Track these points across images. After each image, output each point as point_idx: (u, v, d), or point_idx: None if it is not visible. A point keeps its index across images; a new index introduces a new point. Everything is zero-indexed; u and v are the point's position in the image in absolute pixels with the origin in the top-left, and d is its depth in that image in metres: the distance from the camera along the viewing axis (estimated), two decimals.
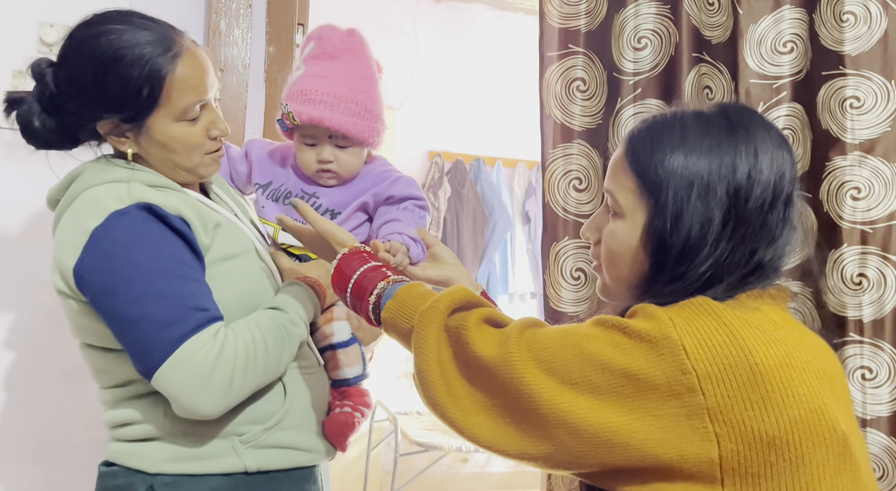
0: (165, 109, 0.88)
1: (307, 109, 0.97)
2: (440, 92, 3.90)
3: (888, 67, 1.40)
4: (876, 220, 1.39)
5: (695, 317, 0.66)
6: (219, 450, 0.88)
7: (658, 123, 0.74)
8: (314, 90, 0.98)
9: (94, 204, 0.85)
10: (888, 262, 1.39)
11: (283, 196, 1.04)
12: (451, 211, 3.84)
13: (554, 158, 1.36)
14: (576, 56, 1.36)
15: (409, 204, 1.02)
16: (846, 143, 1.40)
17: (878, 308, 1.38)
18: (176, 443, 0.88)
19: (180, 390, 0.82)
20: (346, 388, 1.04)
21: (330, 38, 1.00)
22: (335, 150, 1.01)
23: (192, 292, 0.85)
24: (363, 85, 1.01)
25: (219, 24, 1.16)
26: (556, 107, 1.37)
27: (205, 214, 0.92)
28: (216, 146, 0.94)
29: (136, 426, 0.90)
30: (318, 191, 1.03)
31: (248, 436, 0.90)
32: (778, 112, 1.42)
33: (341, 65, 0.99)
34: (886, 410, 1.37)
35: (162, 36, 0.87)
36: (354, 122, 0.99)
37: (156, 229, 0.85)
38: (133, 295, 0.82)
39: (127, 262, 0.83)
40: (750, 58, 1.41)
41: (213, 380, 0.82)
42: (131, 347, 0.84)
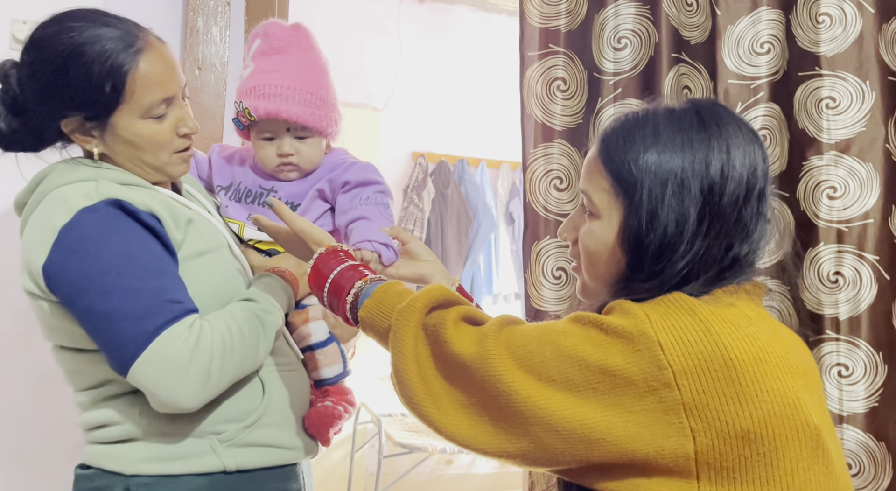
0: (130, 106, 0.86)
1: (263, 104, 0.97)
2: (424, 93, 3.90)
3: (863, 68, 1.42)
4: (851, 218, 1.41)
5: (670, 313, 0.67)
6: (197, 449, 0.88)
7: (630, 122, 0.74)
8: (267, 84, 0.97)
9: (62, 202, 0.84)
10: (864, 260, 1.41)
11: (244, 195, 1.04)
12: (435, 212, 3.84)
13: (535, 158, 1.36)
14: (556, 56, 1.37)
15: (371, 193, 1.00)
16: (822, 143, 1.41)
17: (854, 306, 1.40)
18: (153, 443, 0.87)
19: (157, 383, 0.81)
20: (328, 387, 1.04)
21: (276, 33, 1.00)
22: (295, 143, 1.00)
23: (166, 286, 0.84)
24: (314, 76, 1.01)
25: (196, 22, 1.14)
26: (537, 106, 1.37)
27: (176, 211, 0.91)
28: (185, 144, 0.93)
29: (112, 428, 0.89)
30: (275, 185, 1.03)
31: (227, 434, 0.89)
32: (756, 112, 1.43)
33: (290, 58, 0.99)
34: (862, 407, 1.39)
35: (125, 32, 0.86)
36: (311, 112, 0.99)
37: (126, 225, 0.84)
38: (105, 289, 0.81)
39: (97, 257, 0.81)
40: (728, 58, 1.43)
41: (191, 371, 0.81)
42: (105, 343, 0.83)
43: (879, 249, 1.41)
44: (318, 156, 1.03)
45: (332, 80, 1.03)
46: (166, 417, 0.86)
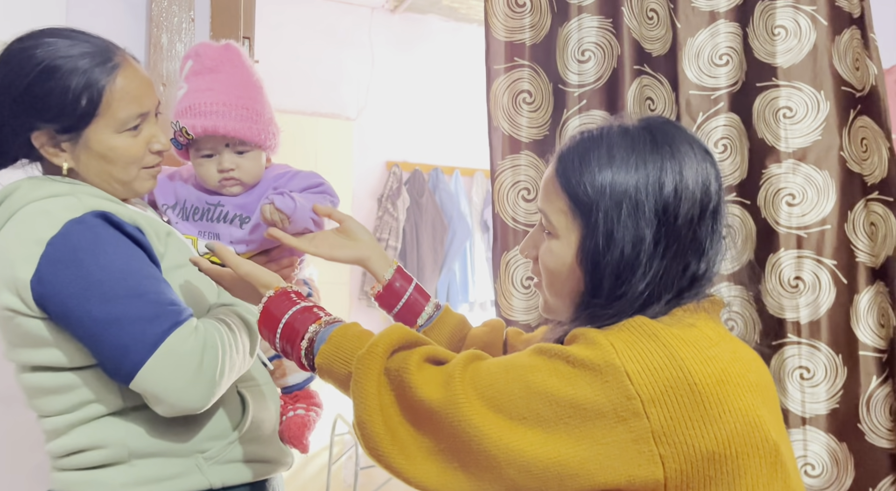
0: (105, 120, 0.87)
1: (200, 121, 0.98)
2: (397, 102, 3.91)
3: (818, 79, 1.47)
4: (810, 225, 1.45)
5: (635, 340, 0.67)
6: (183, 469, 0.87)
7: (586, 142, 0.74)
8: (202, 103, 0.99)
9: (45, 215, 0.83)
10: (822, 265, 1.45)
11: (192, 213, 1.05)
12: (410, 221, 3.85)
13: (503, 169, 1.38)
14: (521, 69, 1.39)
15: (311, 191, 1.03)
16: (781, 152, 1.46)
17: (814, 310, 1.44)
18: (138, 466, 0.86)
19: (168, 385, 0.81)
20: (296, 392, 1.06)
21: (207, 53, 1.02)
22: (234, 157, 1.02)
23: (164, 290, 0.85)
24: (248, 91, 1.02)
25: (160, 39, 1.14)
26: (504, 119, 1.39)
27: (156, 223, 0.92)
28: (156, 161, 0.94)
29: (93, 452, 0.87)
30: (221, 200, 1.04)
31: (212, 452, 0.89)
32: (716, 122, 1.47)
33: (223, 76, 1.01)
34: (824, 409, 1.42)
35: (100, 48, 0.88)
36: (248, 126, 1.00)
37: (115, 236, 0.84)
38: (107, 296, 0.81)
39: (94, 265, 0.81)
40: (689, 70, 1.47)
41: (203, 370, 0.82)
42: (110, 350, 0.82)
43: (837, 254, 1.45)
44: (259, 169, 1.05)
45: (266, 94, 1.05)
46: (153, 437, 0.86)
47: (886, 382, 1.41)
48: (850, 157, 1.47)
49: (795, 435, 1.42)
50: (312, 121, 3.72)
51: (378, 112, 3.90)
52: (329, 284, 3.69)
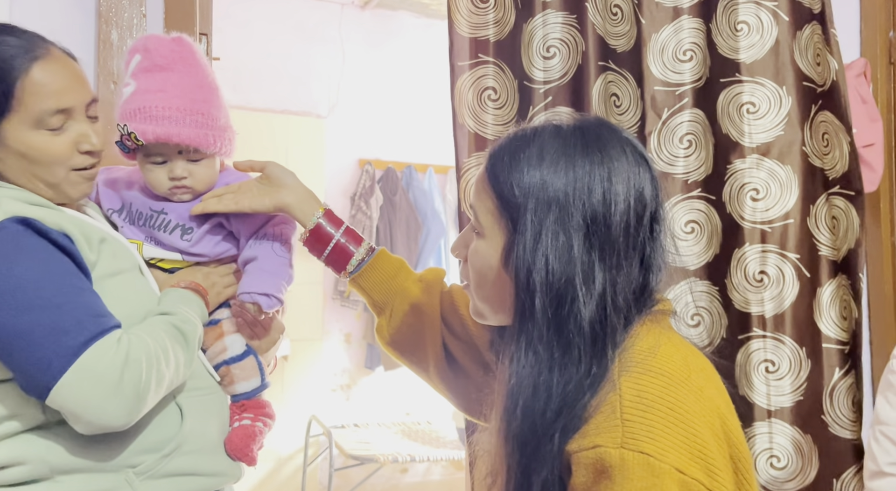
0: (20, 115, 0.82)
1: (151, 127, 0.92)
2: (369, 99, 3.88)
3: (780, 74, 1.48)
4: (773, 219, 1.47)
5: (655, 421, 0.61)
6: (111, 485, 0.83)
7: (518, 140, 0.71)
8: (154, 106, 0.92)
9: None
10: (786, 259, 1.47)
11: (136, 218, 1.00)
12: (383, 219, 3.82)
13: (468, 167, 1.37)
14: (486, 65, 1.38)
15: (269, 228, 0.99)
16: (745, 147, 1.47)
17: (778, 303, 1.45)
18: (62, 482, 0.82)
19: (86, 401, 0.77)
20: (244, 401, 1.00)
21: (157, 48, 0.94)
22: (187, 165, 0.97)
23: (87, 301, 0.80)
24: (203, 94, 0.96)
25: (109, 35, 1.11)
26: (469, 116, 1.38)
27: (88, 229, 0.87)
28: (87, 162, 0.88)
29: (14, 469, 0.82)
30: (165, 207, 0.99)
31: (144, 466, 0.85)
32: (681, 118, 1.47)
33: (176, 76, 0.94)
34: (789, 401, 1.44)
35: (27, 41, 0.83)
36: (204, 133, 0.94)
37: (37, 242, 0.80)
38: (22, 305, 0.76)
39: (10, 274, 0.77)
40: (654, 65, 1.47)
41: (123, 387, 0.77)
42: (23, 363, 0.77)
43: (800, 248, 1.46)
44: (213, 176, 1.00)
45: (222, 96, 0.99)
46: (78, 452, 0.82)
47: (849, 373, 1.44)
48: (812, 152, 1.49)
49: (761, 428, 1.43)
50: (283, 119, 3.68)
51: (350, 109, 3.86)
52: (302, 284, 3.65)
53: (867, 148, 1.59)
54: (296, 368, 3.51)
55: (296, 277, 1.01)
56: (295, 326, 3.50)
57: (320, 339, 3.63)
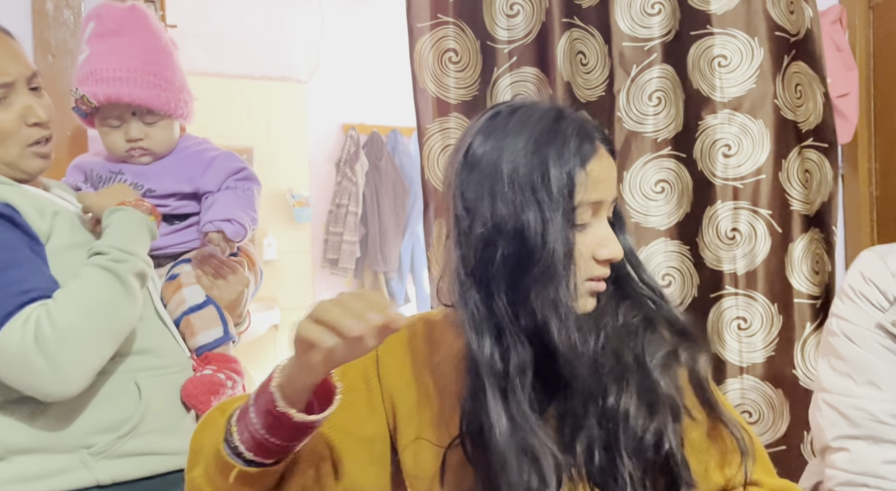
0: None
1: (102, 88, 0.93)
2: (350, 62, 3.80)
3: (752, 25, 1.44)
4: (745, 175, 1.45)
5: None
6: (66, 465, 0.84)
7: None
8: (105, 68, 0.93)
9: None
10: (758, 215, 1.45)
11: (97, 182, 1.01)
12: (369, 185, 3.79)
13: (431, 133, 1.34)
14: (446, 26, 1.34)
15: (231, 181, 1.01)
16: (716, 102, 1.43)
17: (750, 260, 1.44)
18: (17, 462, 0.83)
19: (14, 379, 0.78)
20: (207, 353, 0.99)
21: (110, 14, 0.96)
22: (143, 127, 0.98)
23: (18, 278, 0.79)
24: (156, 57, 0.98)
25: (45, 5, 1.08)
26: (430, 80, 1.35)
27: (40, 202, 0.87)
28: (37, 135, 0.88)
29: None
30: (122, 167, 1.00)
31: (99, 446, 0.85)
32: (650, 74, 1.44)
33: (128, 39, 0.96)
34: (761, 357, 1.45)
35: None
36: (156, 94, 0.96)
37: None
38: None
39: None
40: (621, 20, 1.42)
41: (37, 365, 0.77)
42: None
43: (772, 204, 1.45)
44: (170, 139, 1.01)
45: (176, 60, 0.99)
46: (32, 433, 0.83)
47: (820, 327, 1.44)
48: (785, 105, 1.46)
49: (733, 384, 1.44)
50: (262, 85, 3.61)
51: (331, 73, 3.78)
52: (290, 252, 3.65)
53: (842, 98, 1.56)
54: (287, 336, 3.53)
55: (284, 245, 1.03)
56: (284, 295, 3.51)
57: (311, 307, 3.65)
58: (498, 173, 0.66)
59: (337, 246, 3.64)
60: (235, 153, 1.09)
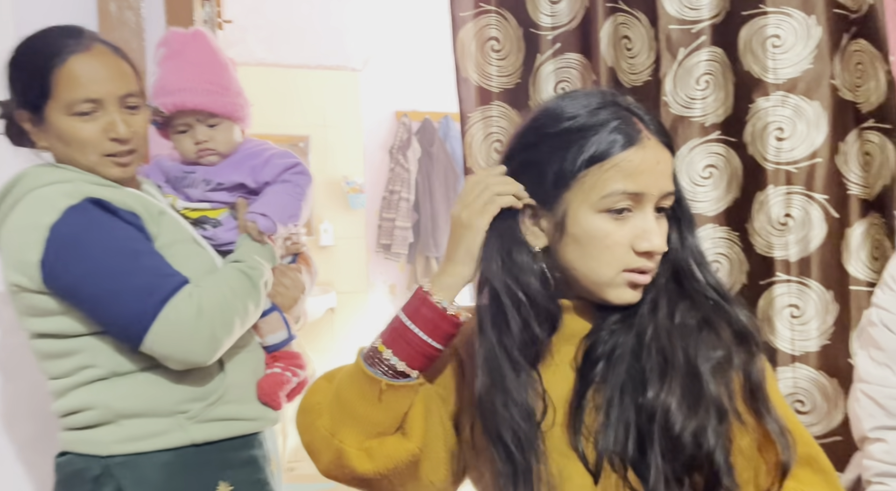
0: (56, 102, 0.94)
1: (169, 99, 1.08)
2: (403, 50, 3.83)
3: (808, 2, 1.39)
4: (799, 159, 1.40)
5: None
6: (166, 427, 0.97)
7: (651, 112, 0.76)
8: (170, 82, 1.08)
9: (46, 202, 0.92)
10: (813, 200, 1.41)
11: (172, 181, 1.15)
12: (422, 171, 3.83)
13: (473, 122, 1.36)
14: (488, 15, 1.35)
15: (287, 174, 1.12)
16: (768, 84, 1.39)
17: (804, 246, 1.40)
18: (125, 425, 0.96)
19: (172, 348, 0.93)
20: (275, 352, 1.13)
21: (175, 38, 1.12)
22: (207, 130, 1.11)
23: (158, 263, 0.96)
24: (213, 68, 1.11)
25: (108, 6, 1.17)
26: (473, 69, 1.36)
27: (149, 204, 1.00)
28: (116, 149, 0.98)
29: (85, 413, 0.97)
30: (195, 169, 1.14)
31: (192, 412, 0.99)
32: (698, 57, 1.41)
33: (189, 57, 1.10)
34: (815, 345, 1.41)
35: (71, 35, 0.95)
36: (214, 99, 1.09)
37: (110, 219, 0.94)
38: (108, 273, 0.92)
39: (95, 246, 0.92)
40: (668, 3, 1.39)
41: (199, 332, 0.93)
42: (116, 320, 0.93)
43: (828, 189, 1.40)
44: (231, 139, 1.13)
45: (233, 72, 1.13)
46: (138, 400, 0.96)
47: None
48: (843, 85, 1.40)
49: (784, 373, 1.41)
50: (317, 74, 3.69)
51: (384, 61, 3.83)
52: (346, 238, 3.74)
53: None
54: (343, 319, 3.63)
55: (340, 231, 1.15)
56: (340, 279, 3.61)
57: (365, 291, 3.73)
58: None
59: (390, 231, 3.71)
60: (291, 150, 1.20)
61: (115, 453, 0.96)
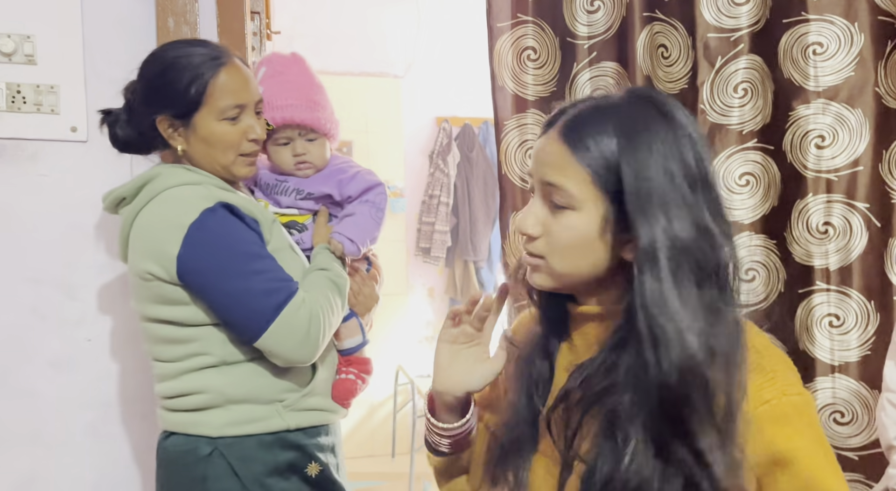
0: (208, 108, 1.05)
1: (278, 113, 1.17)
2: (444, 56, 3.88)
3: (851, 10, 1.37)
4: (840, 167, 1.38)
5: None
6: (267, 414, 1.07)
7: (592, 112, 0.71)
8: (277, 98, 1.16)
9: (186, 202, 1.03)
10: (854, 209, 1.39)
11: (264, 188, 1.25)
12: (461, 176, 3.87)
13: (509, 129, 1.38)
14: (525, 25, 1.37)
15: (370, 194, 1.22)
16: (809, 91, 1.38)
17: (844, 255, 1.39)
18: (233, 409, 1.06)
19: (285, 347, 1.03)
20: (350, 356, 1.22)
21: (277, 60, 1.22)
22: (305, 144, 1.21)
23: (276, 268, 1.05)
24: (314, 88, 1.22)
25: (167, 22, 1.24)
26: (509, 77, 1.39)
27: (265, 212, 1.11)
28: (251, 149, 1.10)
29: (196, 396, 1.06)
30: (288, 179, 1.23)
31: (289, 402, 1.09)
32: (736, 65, 1.40)
33: (292, 77, 1.20)
34: (855, 356, 1.39)
35: (213, 50, 1.07)
36: (317, 116, 1.19)
37: (238, 224, 1.05)
38: (237, 273, 1.01)
39: (225, 248, 1.02)
40: (707, 11, 1.40)
41: (310, 336, 1.04)
42: (238, 316, 1.03)
43: (870, 197, 1.38)
44: (325, 154, 1.23)
45: (327, 93, 1.24)
46: (246, 387, 1.07)
47: None
48: (887, 93, 1.38)
49: (823, 383, 1.39)
50: (360, 81, 3.76)
51: (425, 68, 3.89)
52: (386, 241, 3.80)
53: None
54: (383, 321, 3.69)
55: (380, 234, 1.23)
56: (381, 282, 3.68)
57: (405, 293, 3.79)
58: None
59: (429, 235, 3.76)
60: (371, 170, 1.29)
61: (224, 435, 1.05)
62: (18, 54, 1.26)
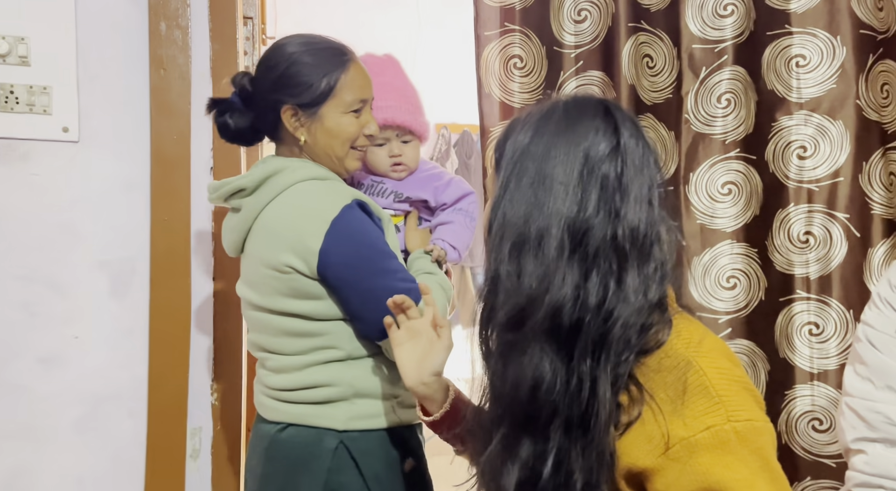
0: (336, 101, 1.07)
1: (379, 114, 1.17)
2: (444, 64, 3.91)
3: (834, 23, 1.40)
4: (821, 178, 1.40)
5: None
6: (385, 409, 1.09)
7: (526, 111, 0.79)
8: (378, 98, 1.16)
9: (324, 197, 1.04)
10: (834, 219, 1.41)
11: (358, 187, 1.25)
12: None
13: (494, 136, 1.41)
14: (512, 34, 1.40)
15: (464, 203, 1.24)
16: (791, 103, 1.40)
17: (824, 265, 1.40)
18: (357, 404, 1.07)
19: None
20: None
21: (374, 61, 1.22)
22: (401, 146, 1.22)
23: (402, 268, 1.07)
24: (410, 91, 1.24)
25: (159, 26, 1.25)
26: (496, 85, 1.41)
27: (384, 213, 1.14)
28: (364, 143, 1.13)
29: (323, 389, 1.06)
30: (383, 180, 1.25)
31: (402, 398, 1.10)
32: (720, 76, 1.43)
33: (389, 79, 1.21)
34: (834, 364, 1.40)
35: (339, 46, 1.11)
36: (415, 118, 1.21)
37: (370, 221, 1.06)
38: (374, 271, 1.03)
39: (364, 244, 1.03)
40: (692, 23, 1.42)
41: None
42: (368, 314, 1.02)
43: (850, 208, 1.40)
44: (418, 157, 1.25)
45: (419, 96, 1.25)
46: (370, 382, 1.08)
47: None
48: (868, 105, 1.40)
49: (802, 390, 1.41)
50: None
51: (425, 75, 3.91)
52: None
53: None
54: None
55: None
56: None
57: None
58: None
59: None
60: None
61: (350, 429, 1.06)
62: (13, 55, 1.28)
